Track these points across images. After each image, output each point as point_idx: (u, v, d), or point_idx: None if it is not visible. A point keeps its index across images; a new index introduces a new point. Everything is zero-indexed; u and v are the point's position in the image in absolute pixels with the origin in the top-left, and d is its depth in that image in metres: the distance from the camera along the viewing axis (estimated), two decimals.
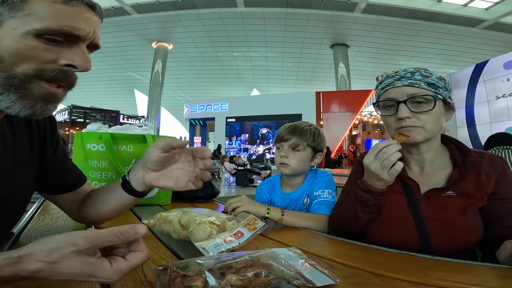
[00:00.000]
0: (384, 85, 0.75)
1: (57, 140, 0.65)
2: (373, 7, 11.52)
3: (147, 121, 13.61)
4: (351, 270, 0.50)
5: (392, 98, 0.72)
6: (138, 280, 0.43)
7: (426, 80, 0.70)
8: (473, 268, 0.52)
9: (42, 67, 0.39)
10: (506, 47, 10.55)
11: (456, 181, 0.70)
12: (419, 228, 0.69)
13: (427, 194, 0.72)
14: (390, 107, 0.73)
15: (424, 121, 0.69)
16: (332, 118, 12.04)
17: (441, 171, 0.74)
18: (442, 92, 0.70)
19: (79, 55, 0.42)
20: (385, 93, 0.74)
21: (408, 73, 0.71)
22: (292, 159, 0.96)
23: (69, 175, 0.67)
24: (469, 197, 0.68)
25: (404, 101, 0.69)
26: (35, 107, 0.41)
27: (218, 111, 13.91)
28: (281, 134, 1.00)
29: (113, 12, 12.47)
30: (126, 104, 22.05)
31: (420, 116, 0.69)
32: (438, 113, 0.70)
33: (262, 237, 0.66)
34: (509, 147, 1.93)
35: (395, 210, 0.74)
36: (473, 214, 0.68)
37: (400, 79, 0.71)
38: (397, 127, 0.71)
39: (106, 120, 14.80)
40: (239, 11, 12.41)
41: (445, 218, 0.68)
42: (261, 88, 20.95)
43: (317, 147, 1.00)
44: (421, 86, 0.69)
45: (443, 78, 0.71)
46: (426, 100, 0.69)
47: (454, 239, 0.67)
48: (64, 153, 0.67)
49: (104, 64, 17.05)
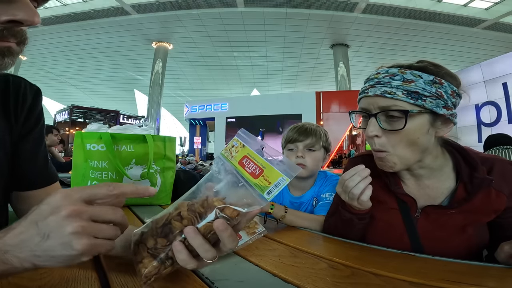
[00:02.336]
0: (361, 90, 0.63)
1: (37, 118, 0.55)
2: (373, 7, 11.50)
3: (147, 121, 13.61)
4: (351, 270, 0.50)
5: (365, 109, 0.61)
6: (138, 281, 0.43)
7: (407, 87, 0.55)
8: (473, 268, 0.52)
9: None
10: (506, 47, 10.53)
11: (461, 201, 0.60)
12: (415, 247, 0.63)
13: (426, 210, 0.63)
14: (365, 118, 0.61)
15: (394, 143, 0.58)
16: (332, 118, 12.02)
17: (441, 183, 0.64)
18: (430, 102, 0.55)
19: (21, 8, 0.35)
20: (360, 101, 0.63)
21: (387, 75, 0.58)
22: (309, 159, 0.96)
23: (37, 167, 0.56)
24: (473, 213, 0.60)
25: (375, 115, 0.58)
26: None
27: (218, 111, 13.89)
28: (293, 135, 0.99)
29: (113, 12, 12.46)
30: (126, 104, 22.02)
31: (390, 136, 0.58)
32: (415, 132, 0.56)
33: (262, 237, 0.66)
34: (509, 147, 1.93)
35: (389, 228, 0.67)
36: (474, 230, 0.61)
37: (375, 85, 0.58)
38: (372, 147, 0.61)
39: (106, 120, 14.79)
40: (239, 11, 12.40)
41: (442, 236, 0.62)
42: (261, 88, 20.92)
43: (328, 148, 1.00)
44: (396, 96, 0.55)
45: (440, 82, 0.57)
46: (402, 114, 0.55)
47: (450, 257, 0.58)
48: (40, 139, 0.56)
49: (104, 64, 17.03)
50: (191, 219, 0.36)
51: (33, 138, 0.55)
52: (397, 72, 0.57)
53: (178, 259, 0.35)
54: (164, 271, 0.36)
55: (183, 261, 0.35)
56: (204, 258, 0.36)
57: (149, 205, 1.06)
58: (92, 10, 12.18)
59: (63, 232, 0.29)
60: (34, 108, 0.54)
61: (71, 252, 0.29)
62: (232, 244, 0.35)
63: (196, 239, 0.34)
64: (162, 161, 1.10)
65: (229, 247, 0.36)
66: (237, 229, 0.37)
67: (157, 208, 1.03)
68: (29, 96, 0.53)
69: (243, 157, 0.39)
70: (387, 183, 0.66)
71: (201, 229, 0.35)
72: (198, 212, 0.36)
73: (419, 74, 0.56)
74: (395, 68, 0.58)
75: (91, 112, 15.08)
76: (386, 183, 0.67)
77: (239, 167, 0.39)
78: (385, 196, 0.67)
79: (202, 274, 0.46)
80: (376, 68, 0.65)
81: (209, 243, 0.35)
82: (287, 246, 0.63)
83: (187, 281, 0.44)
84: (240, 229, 0.37)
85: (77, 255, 0.30)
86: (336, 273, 0.47)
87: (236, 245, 0.36)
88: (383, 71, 0.59)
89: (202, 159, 12.65)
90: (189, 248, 0.35)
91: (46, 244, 0.29)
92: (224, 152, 0.43)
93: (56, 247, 0.29)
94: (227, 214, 0.35)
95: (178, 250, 0.35)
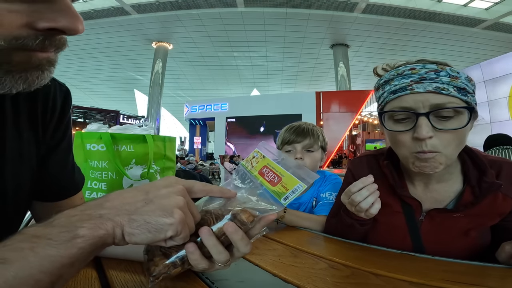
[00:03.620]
0: (395, 87, 0.55)
1: (66, 126, 0.49)
2: (373, 7, 11.50)
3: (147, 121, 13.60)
4: (351, 270, 0.49)
5: (409, 108, 0.53)
6: (138, 280, 0.43)
7: (456, 84, 0.51)
8: (473, 268, 0.52)
9: (15, 36, 0.27)
10: (506, 47, 10.54)
11: (467, 204, 0.58)
12: (417, 249, 0.62)
13: (430, 214, 0.61)
14: (404, 120, 0.55)
15: (448, 142, 0.52)
16: (332, 118, 12.03)
17: (449, 186, 0.62)
18: (472, 98, 0.53)
19: (64, 13, 0.29)
20: (398, 99, 0.55)
21: (430, 71, 0.52)
22: (308, 160, 0.94)
23: (65, 178, 0.51)
24: (478, 216, 0.59)
25: (427, 114, 0.51)
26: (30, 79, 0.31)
27: (218, 111, 13.89)
28: (290, 136, 0.96)
29: (113, 12, 12.46)
30: (126, 104, 22.02)
31: (442, 135, 0.52)
32: (467, 130, 0.53)
33: (262, 237, 0.66)
34: (509, 147, 1.93)
35: (391, 231, 0.66)
36: (478, 234, 0.61)
37: (421, 81, 0.52)
38: (415, 150, 0.54)
39: (106, 120, 14.77)
40: (239, 11, 12.39)
41: (445, 239, 0.61)
42: (261, 88, 20.92)
43: (325, 147, 1.00)
44: (451, 94, 0.51)
45: (471, 79, 0.54)
46: (454, 113, 0.52)
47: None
48: (68, 149, 0.51)
49: (104, 64, 17.03)
50: (207, 220, 0.37)
51: (62, 149, 0.49)
52: (437, 68, 0.53)
53: (191, 260, 0.35)
54: (173, 271, 0.36)
55: (195, 261, 0.35)
56: (216, 260, 0.35)
57: None
58: (92, 10, 12.17)
59: (169, 201, 0.32)
60: (64, 115, 0.48)
61: (166, 220, 0.31)
62: (244, 248, 0.35)
63: (210, 239, 0.34)
64: (162, 161, 1.10)
65: (242, 251, 0.35)
66: (251, 234, 0.37)
67: None
68: (58, 101, 0.47)
69: (262, 167, 0.42)
70: (392, 186, 0.64)
71: (216, 231, 0.36)
72: (215, 215, 0.37)
73: (457, 71, 0.53)
74: (432, 64, 0.54)
75: (91, 112, 15.07)
76: (391, 185, 0.64)
77: (259, 176, 0.41)
78: (389, 198, 0.65)
79: (202, 274, 0.46)
80: (382, 65, 0.60)
81: (222, 245, 0.35)
82: (287, 246, 0.63)
83: (187, 281, 0.44)
84: (255, 234, 0.37)
85: (170, 224, 0.31)
86: (336, 273, 0.47)
87: (249, 249, 0.35)
88: (418, 65, 0.54)
89: (202, 159, 12.66)
90: (202, 250, 0.35)
91: (146, 209, 0.31)
92: (245, 163, 0.44)
93: (156, 211, 0.31)
94: (242, 218, 0.35)
95: (190, 251, 0.35)
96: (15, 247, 0.26)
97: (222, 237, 0.35)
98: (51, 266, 0.26)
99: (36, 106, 0.44)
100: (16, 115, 0.41)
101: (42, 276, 0.25)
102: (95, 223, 0.29)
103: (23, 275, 0.24)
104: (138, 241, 0.31)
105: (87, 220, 0.29)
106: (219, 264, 0.36)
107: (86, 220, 0.29)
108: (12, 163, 0.40)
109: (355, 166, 0.73)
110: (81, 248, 0.27)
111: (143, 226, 0.30)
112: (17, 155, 0.41)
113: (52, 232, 0.27)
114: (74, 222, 0.29)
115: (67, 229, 0.28)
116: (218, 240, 0.35)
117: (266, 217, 0.36)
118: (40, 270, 0.25)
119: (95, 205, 0.31)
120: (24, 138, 0.43)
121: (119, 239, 0.30)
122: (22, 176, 0.43)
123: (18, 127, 0.42)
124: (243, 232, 0.35)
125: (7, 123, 0.40)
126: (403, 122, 0.55)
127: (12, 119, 0.41)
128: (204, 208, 0.39)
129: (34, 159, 0.45)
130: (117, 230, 0.30)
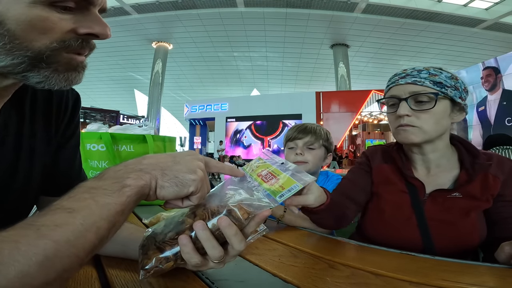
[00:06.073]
0: (389, 83, 0.76)
1: (75, 126, 0.55)
2: (373, 7, 11.50)
3: (147, 121, 13.59)
4: (351, 270, 0.50)
5: (395, 96, 0.72)
6: (138, 280, 0.43)
7: (432, 79, 0.68)
8: (473, 268, 0.52)
9: (63, 38, 0.35)
10: (506, 47, 10.54)
11: (463, 184, 0.69)
12: (422, 229, 0.69)
13: (433, 195, 0.71)
14: (394, 105, 0.74)
15: (424, 120, 0.68)
16: (332, 118, 12.03)
17: (448, 172, 0.73)
18: (450, 92, 0.68)
19: (97, 22, 0.38)
20: (389, 90, 0.75)
21: (415, 71, 0.71)
22: (309, 157, 0.96)
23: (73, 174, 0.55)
24: (475, 199, 0.68)
25: (405, 99, 0.69)
26: (70, 78, 0.38)
27: (218, 111, 13.90)
28: (292, 134, 1.00)
29: (113, 12, 12.45)
30: (126, 104, 22.02)
31: (420, 115, 0.68)
32: (441, 113, 0.69)
33: (262, 237, 0.66)
34: (509, 147, 1.93)
35: (398, 209, 0.74)
36: (477, 216, 0.68)
37: (405, 77, 0.71)
38: (397, 125, 0.72)
39: (106, 120, 14.76)
40: (239, 11, 12.40)
41: (448, 219, 0.68)
42: (261, 88, 20.92)
43: (329, 147, 1.01)
44: (425, 84, 0.68)
45: (455, 78, 0.70)
46: (429, 99, 0.68)
47: (456, 241, 0.67)
48: (76, 147, 0.56)
49: (104, 64, 17.02)
50: (203, 215, 0.37)
51: (71, 146, 0.54)
52: (423, 68, 0.71)
53: (183, 252, 0.36)
54: (165, 265, 0.37)
55: (187, 254, 0.35)
56: (210, 255, 0.36)
57: (149, 205, 1.06)
58: None
59: (192, 164, 0.37)
60: (74, 117, 0.54)
61: (191, 176, 0.36)
62: (239, 245, 0.36)
63: (203, 233, 0.35)
64: None
65: (236, 248, 0.36)
66: (246, 232, 0.37)
67: (157, 208, 1.03)
68: (70, 104, 0.53)
69: (262, 170, 0.44)
70: (400, 169, 0.76)
71: (210, 226, 0.36)
72: (211, 211, 0.37)
73: (440, 71, 0.70)
74: (421, 68, 0.71)
75: (91, 112, 15.06)
76: (398, 168, 0.76)
77: (257, 178, 0.43)
78: (396, 179, 0.77)
79: (202, 274, 0.46)
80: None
81: (216, 240, 0.36)
82: (287, 246, 0.63)
83: (187, 281, 0.44)
84: (250, 232, 0.37)
85: (193, 179, 0.36)
86: (336, 273, 0.47)
87: (243, 246, 0.36)
88: (409, 69, 0.72)
89: None
90: (196, 245, 0.36)
91: (176, 167, 0.36)
92: (246, 167, 0.46)
93: (183, 169, 0.36)
94: (237, 214, 0.36)
95: (183, 243, 0.35)
96: (79, 198, 0.30)
97: (216, 232, 0.36)
98: (108, 213, 0.30)
99: (51, 108, 0.50)
100: (33, 115, 0.47)
101: (103, 223, 0.29)
102: (138, 174, 0.34)
103: (88, 222, 0.28)
104: (166, 194, 0.35)
105: (131, 172, 0.34)
106: (213, 261, 0.36)
107: (130, 172, 0.34)
108: (26, 159, 0.45)
109: (370, 151, 0.86)
110: (129, 196, 0.32)
111: (173, 180, 0.35)
112: (31, 152, 0.46)
113: (105, 183, 0.32)
114: (121, 174, 0.33)
115: (117, 180, 0.33)
116: (212, 235, 0.36)
117: (260, 214, 0.37)
118: (101, 217, 0.29)
119: (134, 162, 0.36)
120: (39, 136, 0.47)
121: (153, 191, 0.35)
122: (33, 172, 0.46)
123: (34, 126, 0.47)
124: (237, 228, 0.36)
125: (25, 121, 0.45)
126: (393, 106, 0.74)
127: (30, 118, 0.46)
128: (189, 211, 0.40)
129: (46, 156, 0.49)
130: (153, 182, 0.35)
